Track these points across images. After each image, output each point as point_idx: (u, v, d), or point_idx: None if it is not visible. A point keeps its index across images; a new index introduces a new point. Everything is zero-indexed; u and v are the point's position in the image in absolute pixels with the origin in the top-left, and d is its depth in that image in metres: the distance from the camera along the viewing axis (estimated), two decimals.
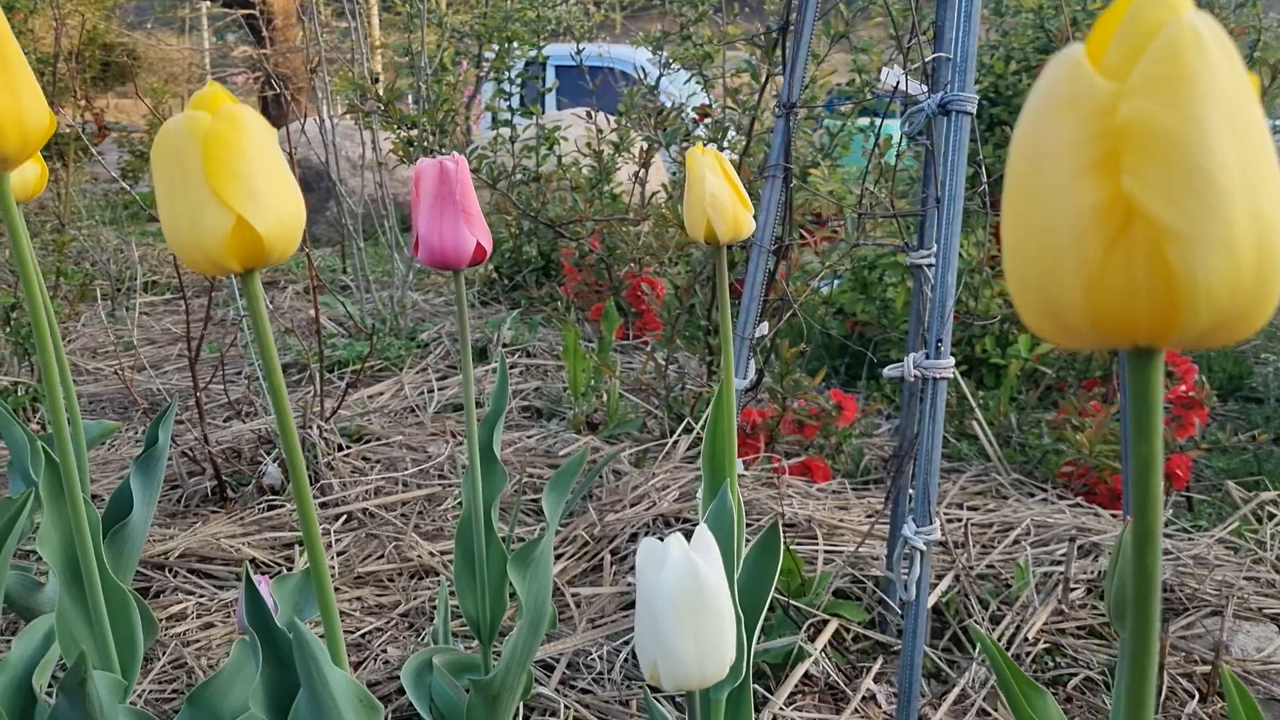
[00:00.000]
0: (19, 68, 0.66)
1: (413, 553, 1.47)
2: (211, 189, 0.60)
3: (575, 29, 3.36)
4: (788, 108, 1.11)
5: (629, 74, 5.07)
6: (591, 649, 1.25)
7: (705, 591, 0.58)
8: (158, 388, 2.27)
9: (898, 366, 1.01)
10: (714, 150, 0.83)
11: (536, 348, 2.42)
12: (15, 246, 0.70)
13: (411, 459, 1.81)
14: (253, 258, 0.62)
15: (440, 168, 0.95)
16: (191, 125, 0.60)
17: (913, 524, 0.99)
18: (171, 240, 0.62)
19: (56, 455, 0.73)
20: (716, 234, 0.83)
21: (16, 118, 0.66)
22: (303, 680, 0.67)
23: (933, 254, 1.23)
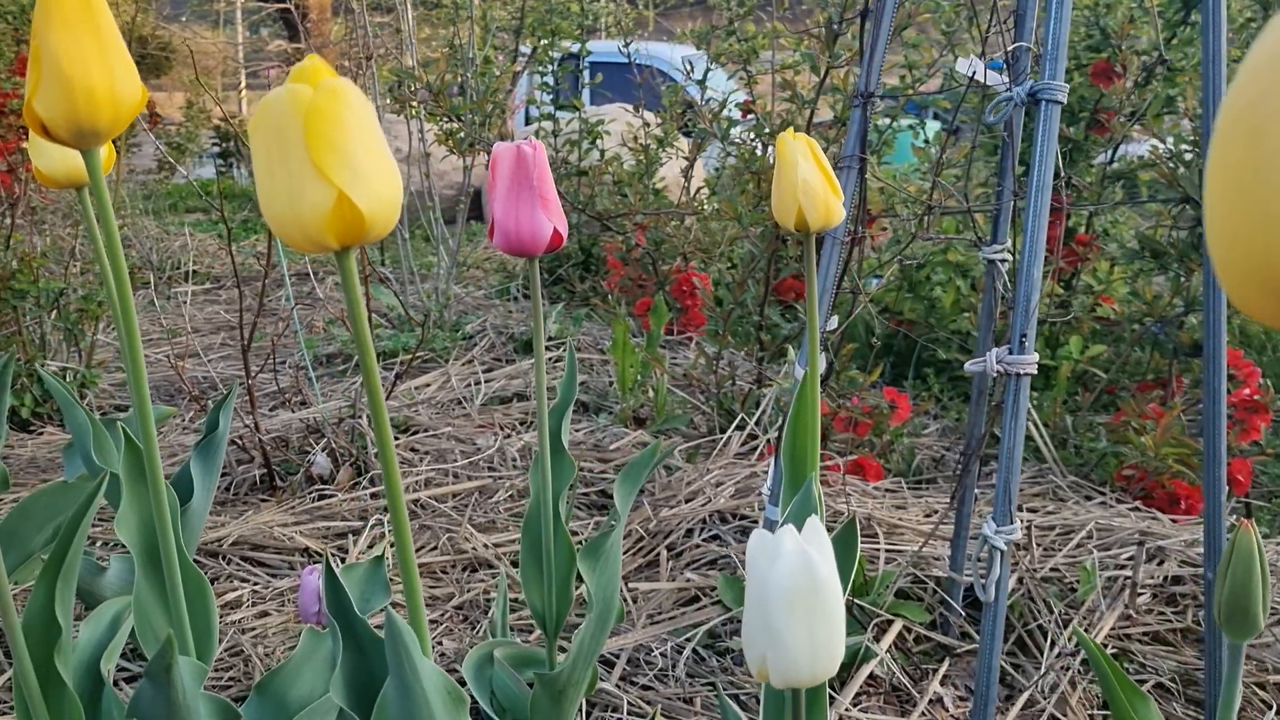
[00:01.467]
0: (112, 40, 0.65)
1: (467, 545, 1.45)
2: (313, 163, 0.58)
3: (624, 23, 3.34)
4: (865, 97, 1.09)
5: (665, 72, 5.04)
6: (652, 645, 1.23)
7: (820, 585, 0.56)
8: (203, 375, 2.26)
9: (979, 361, 0.99)
10: (805, 136, 0.81)
11: (581, 342, 2.41)
12: (105, 224, 0.69)
13: (460, 450, 1.80)
14: (352, 235, 0.60)
15: (518, 152, 0.94)
16: (293, 98, 0.59)
17: (992, 523, 0.96)
18: (270, 217, 0.60)
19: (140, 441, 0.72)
20: (808, 221, 0.81)
21: (109, 90, 0.64)
22: (392, 670, 0.65)
23: (1007, 248, 1.20)
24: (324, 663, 0.94)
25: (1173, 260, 1.90)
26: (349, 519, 1.54)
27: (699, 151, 2.68)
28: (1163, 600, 1.40)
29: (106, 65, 0.64)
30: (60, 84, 0.63)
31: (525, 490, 1.65)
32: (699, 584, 1.35)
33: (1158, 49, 2.49)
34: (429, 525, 1.51)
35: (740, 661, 1.21)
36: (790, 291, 2.49)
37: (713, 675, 1.19)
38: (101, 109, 0.64)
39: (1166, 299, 1.93)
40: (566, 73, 3.15)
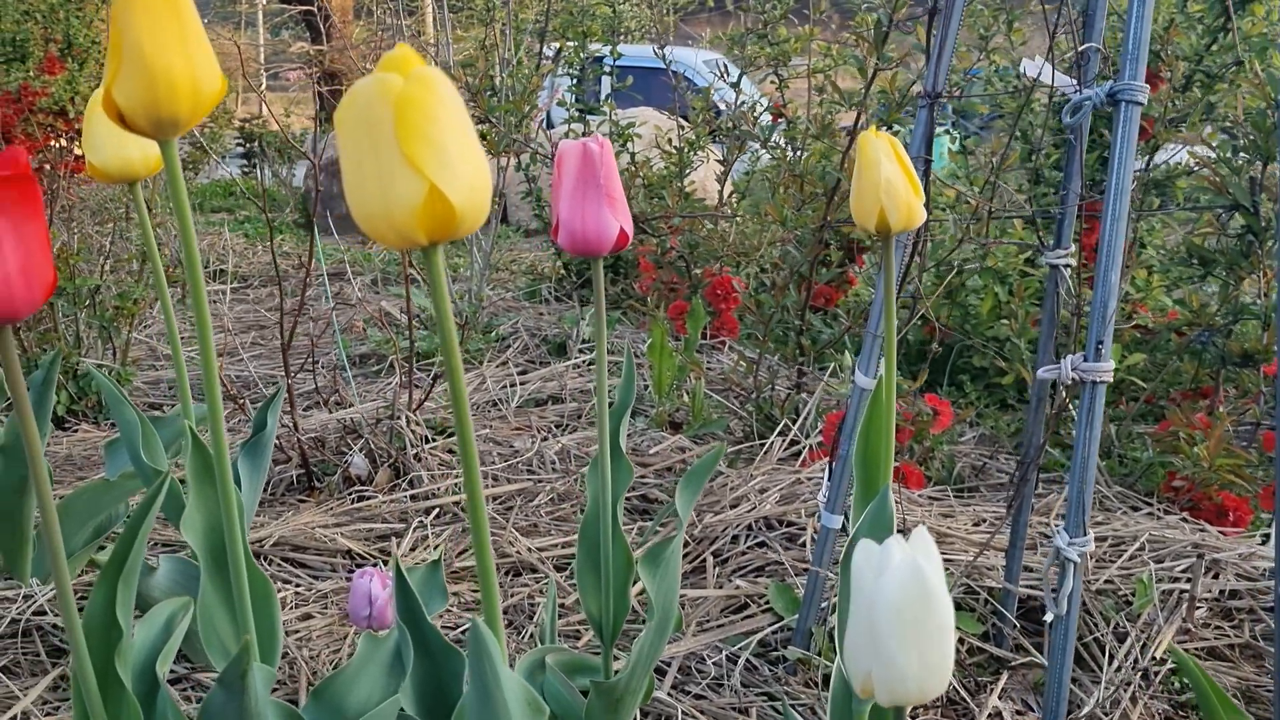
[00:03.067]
0: (193, 27, 0.63)
1: (510, 549, 1.43)
2: (403, 155, 0.57)
3: (647, 27, 3.32)
4: (932, 97, 1.06)
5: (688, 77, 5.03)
6: (704, 653, 1.21)
7: (931, 598, 0.53)
8: (235, 374, 2.25)
9: (1053, 368, 0.96)
10: (888, 134, 0.78)
11: (615, 345, 2.39)
12: (180, 216, 0.67)
13: (498, 453, 1.78)
14: (442, 230, 0.58)
15: (584, 149, 0.92)
16: (383, 88, 0.57)
17: (1064, 534, 0.94)
18: (357, 210, 0.59)
19: (211, 446, 0.71)
20: (889, 222, 0.79)
21: (190, 79, 0.63)
22: (473, 678, 0.63)
23: (1071, 253, 1.18)
24: (382, 668, 0.92)
25: (1221, 268, 1.87)
26: (389, 521, 1.53)
27: (739, 154, 2.66)
28: (1219, 614, 1.37)
29: (187, 53, 0.63)
30: (141, 72, 0.61)
31: (565, 494, 1.63)
32: (748, 591, 1.33)
33: (1199, 55, 2.47)
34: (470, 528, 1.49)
35: (793, 671, 1.18)
36: (820, 297, 2.47)
37: (766, 685, 1.17)
38: (182, 98, 0.63)
39: (1215, 307, 1.90)
40: (597, 75, 3.14)
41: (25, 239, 0.66)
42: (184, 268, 0.68)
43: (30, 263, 0.66)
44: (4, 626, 1.26)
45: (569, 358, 2.28)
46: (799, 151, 2.44)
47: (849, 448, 1.14)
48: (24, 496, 1.31)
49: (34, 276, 0.67)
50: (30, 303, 0.67)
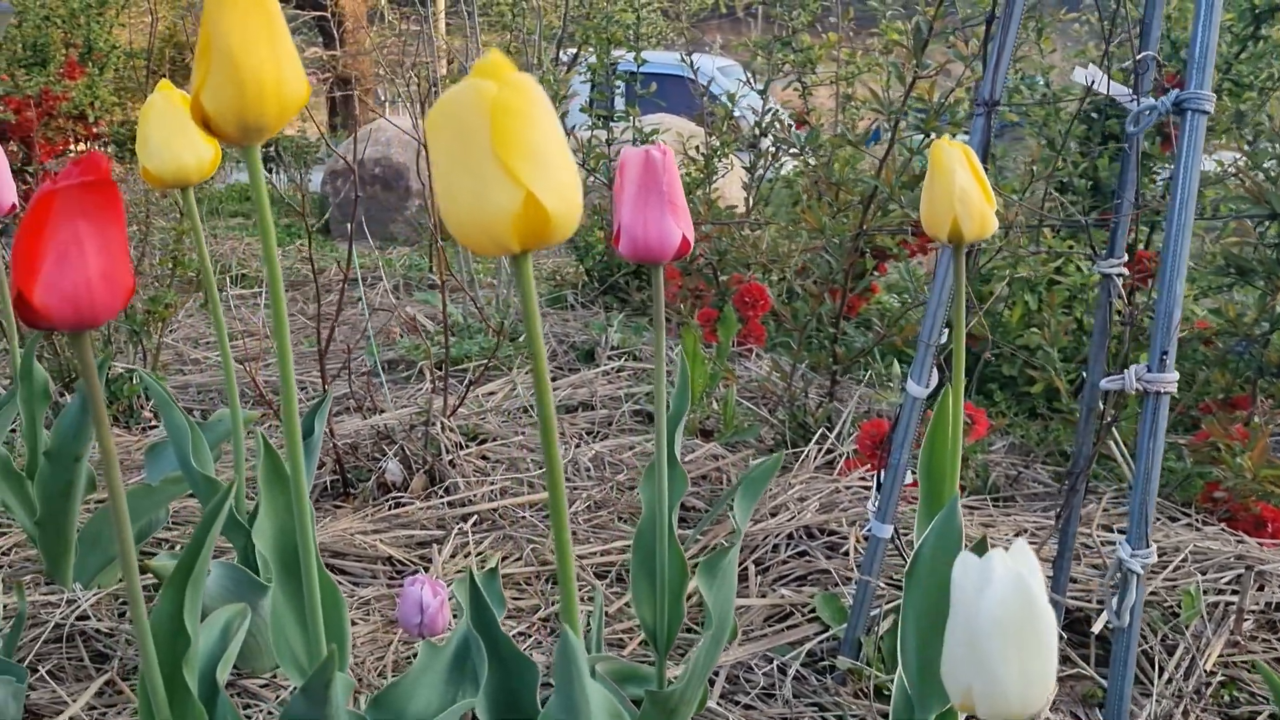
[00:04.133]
0: (281, 32, 0.63)
1: (552, 556, 1.43)
2: (500, 163, 0.56)
3: (672, 33, 3.33)
4: (989, 105, 1.06)
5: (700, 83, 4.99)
6: (751, 662, 1.20)
7: (1035, 612, 0.53)
8: (263, 379, 2.25)
9: (1117, 379, 0.96)
10: (961, 143, 0.78)
11: (643, 352, 2.38)
12: (262, 223, 0.67)
13: (532, 460, 1.78)
14: (536, 237, 0.58)
15: (646, 157, 0.92)
16: (478, 94, 0.57)
17: (1127, 546, 0.93)
18: (450, 217, 0.58)
19: (286, 457, 0.70)
20: (962, 232, 0.79)
21: (278, 86, 0.63)
22: (559, 688, 0.63)
23: (1123, 263, 1.17)
24: (441, 676, 0.91)
25: (1259, 277, 1.87)
26: (428, 527, 1.52)
27: (773, 161, 2.66)
28: (1264, 626, 1.36)
29: (276, 58, 0.62)
30: (230, 76, 0.61)
31: (602, 501, 1.63)
32: (793, 600, 1.32)
33: (1228, 63, 2.46)
34: (512, 535, 1.49)
35: (843, 681, 1.18)
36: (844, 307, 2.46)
37: (816, 695, 1.16)
38: (269, 103, 0.63)
39: (1251, 316, 1.89)
40: (623, 81, 3.14)
41: (108, 244, 0.66)
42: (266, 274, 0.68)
43: (112, 267, 0.66)
44: (48, 631, 1.26)
45: (598, 364, 2.27)
46: (826, 160, 2.43)
47: (900, 457, 1.13)
48: (68, 501, 1.31)
49: (115, 281, 0.67)
50: (111, 308, 0.67)
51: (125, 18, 5.53)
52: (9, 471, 1.31)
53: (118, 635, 1.27)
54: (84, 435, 1.28)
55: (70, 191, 0.64)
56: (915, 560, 0.85)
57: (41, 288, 0.64)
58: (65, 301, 0.65)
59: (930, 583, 0.84)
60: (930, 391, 1.13)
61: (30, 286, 0.64)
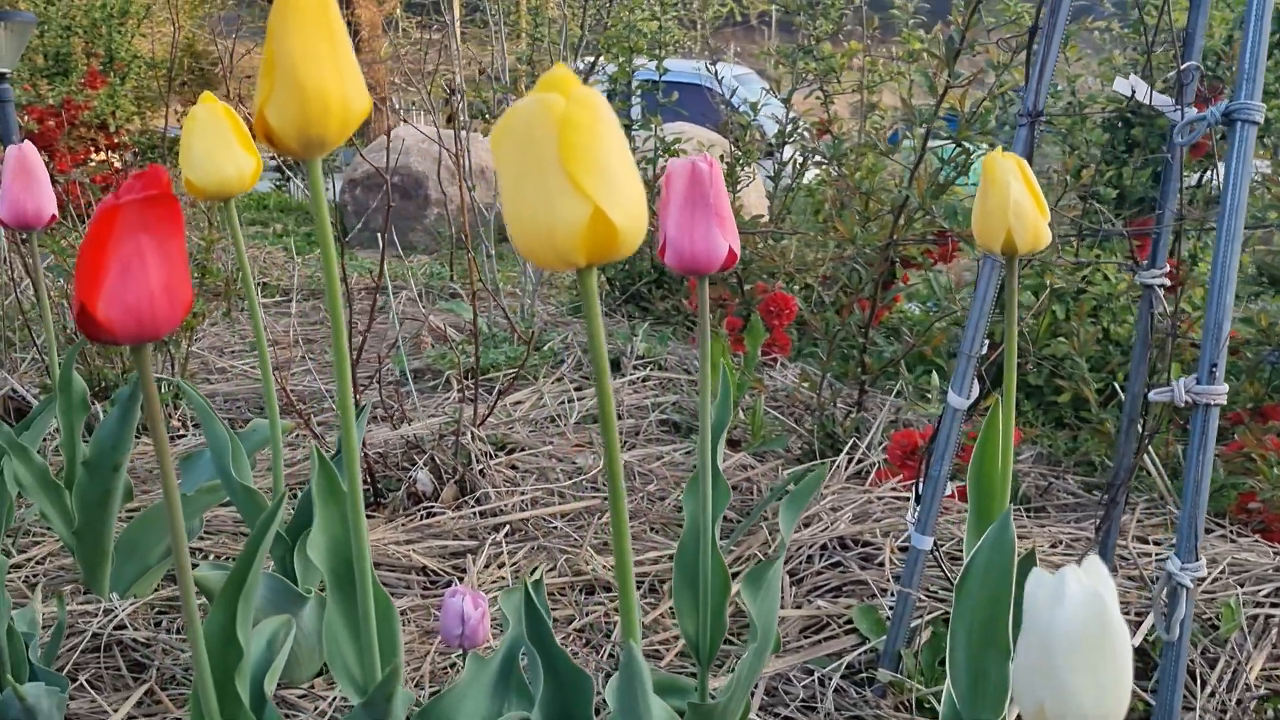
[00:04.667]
0: (344, 46, 0.63)
1: (586, 567, 1.43)
2: (568, 177, 0.56)
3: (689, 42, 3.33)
4: (1033, 116, 1.06)
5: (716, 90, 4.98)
6: (790, 674, 1.20)
7: (1112, 629, 0.52)
8: (288, 388, 2.26)
9: (1165, 391, 0.95)
10: (1015, 155, 0.78)
11: (668, 361, 2.38)
12: (321, 237, 0.67)
13: (562, 470, 1.78)
14: (603, 251, 0.58)
15: (693, 168, 0.91)
16: (545, 109, 0.57)
17: (1176, 560, 0.93)
18: (516, 230, 0.58)
19: (342, 473, 0.70)
20: (1016, 244, 0.78)
21: (341, 98, 0.63)
22: (622, 705, 0.62)
23: (1165, 273, 1.17)
24: (487, 689, 0.91)
25: None
26: (460, 538, 1.52)
27: (805, 170, 2.66)
28: None
29: (339, 72, 0.63)
30: (294, 91, 0.61)
31: (634, 512, 1.63)
32: (829, 611, 1.32)
33: None
34: (545, 546, 1.49)
35: (883, 694, 1.17)
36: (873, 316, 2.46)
37: (856, 708, 1.15)
38: (332, 117, 0.63)
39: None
40: (644, 90, 3.15)
41: (168, 257, 0.66)
42: (326, 288, 0.68)
43: (172, 280, 0.67)
44: (86, 641, 1.26)
45: (623, 374, 2.27)
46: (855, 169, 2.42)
47: (941, 469, 1.13)
48: (106, 511, 1.31)
49: (176, 294, 0.67)
50: (171, 320, 0.67)
51: (145, 28, 5.56)
52: (47, 481, 1.31)
53: (155, 645, 1.27)
54: (122, 445, 1.29)
55: (133, 206, 0.64)
56: (966, 573, 0.84)
57: (105, 301, 0.64)
58: (128, 314, 0.65)
59: (982, 596, 0.84)
60: (972, 403, 1.12)
61: (94, 300, 0.64)
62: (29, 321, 2.04)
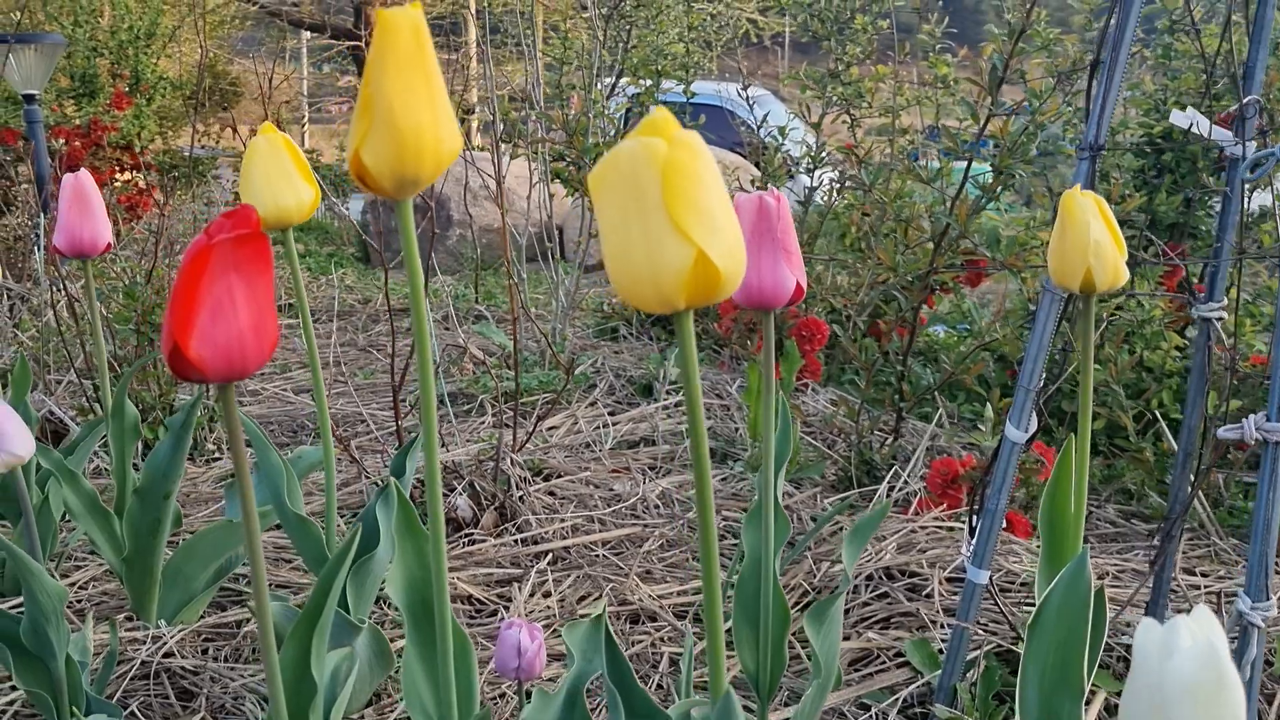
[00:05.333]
0: (439, 87, 0.63)
1: (632, 596, 1.42)
2: (671, 220, 0.56)
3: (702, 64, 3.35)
4: (1094, 149, 1.05)
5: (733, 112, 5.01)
6: (844, 709, 1.19)
7: (1226, 682, 0.52)
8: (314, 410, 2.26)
9: (1235, 428, 0.94)
10: (1093, 194, 0.77)
11: (701, 386, 2.38)
12: (410, 268, 0.67)
13: (599, 497, 1.77)
14: (704, 294, 0.58)
15: (760, 203, 0.92)
16: (649, 152, 0.57)
17: (1246, 599, 0.92)
18: (617, 273, 0.58)
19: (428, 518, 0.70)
20: (1095, 282, 0.78)
21: (435, 139, 0.63)
22: None
23: (1224, 306, 1.16)
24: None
25: None
26: (504, 565, 1.52)
27: (836, 194, 2.66)
28: None
29: (434, 115, 0.63)
30: (391, 132, 0.62)
31: (675, 540, 1.62)
32: (878, 643, 1.31)
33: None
34: (590, 574, 1.48)
35: None
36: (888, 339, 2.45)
37: None
38: (426, 157, 0.63)
39: None
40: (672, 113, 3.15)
41: (257, 296, 0.66)
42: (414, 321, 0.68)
43: (261, 319, 0.67)
44: (134, 668, 1.26)
45: (657, 399, 2.27)
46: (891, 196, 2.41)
47: (999, 503, 1.12)
48: (155, 539, 1.31)
49: (264, 333, 0.67)
50: (260, 359, 0.68)
51: (170, 49, 5.60)
52: (96, 508, 1.31)
53: (203, 673, 1.27)
54: (174, 473, 1.29)
55: (225, 245, 0.65)
56: (1041, 612, 0.83)
57: (196, 340, 0.65)
58: (218, 354, 0.65)
59: (1056, 636, 0.83)
60: (1030, 436, 1.11)
61: (186, 340, 0.64)
62: (66, 345, 2.05)
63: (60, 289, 1.97)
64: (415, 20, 0.62)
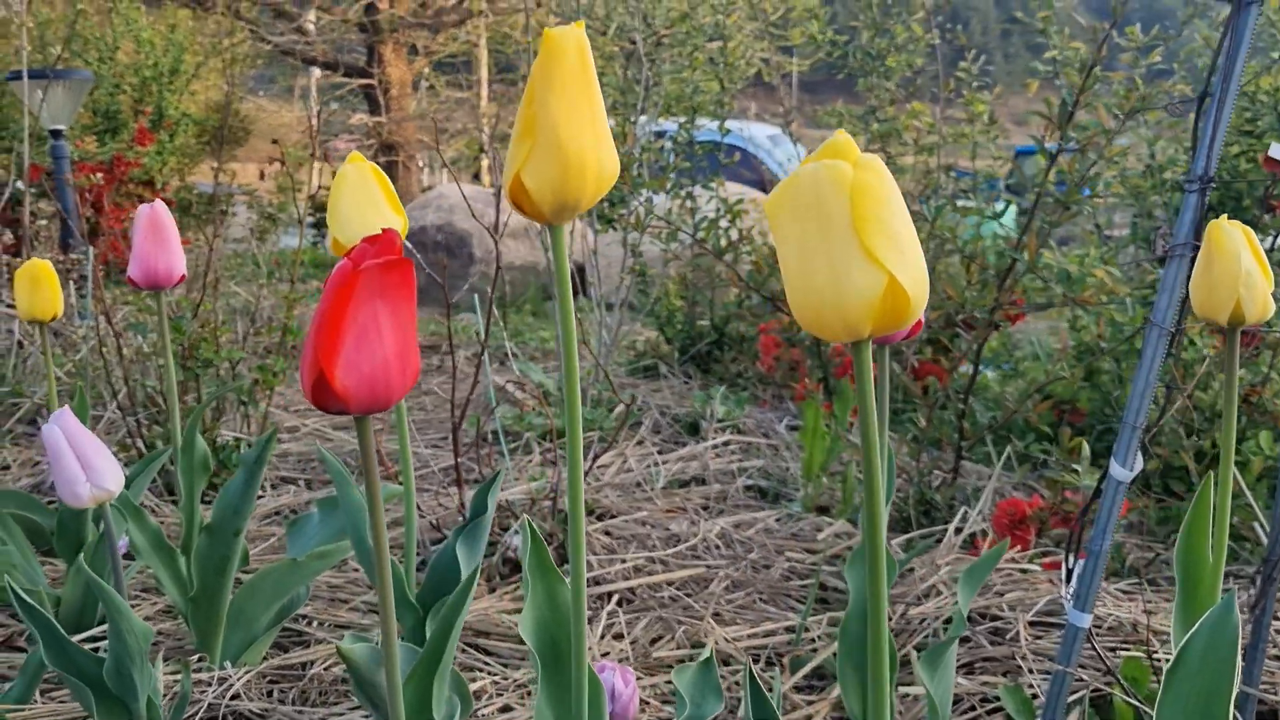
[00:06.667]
0: (600, 111, 0.61)
1: (706, 638, 1.38)
2: (861, 246, 0.54)
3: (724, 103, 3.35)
4: (1204, 181, 1.03)
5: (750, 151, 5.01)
6: None
7: None
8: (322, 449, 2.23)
9: None
10: (1240, 224, 0.75)
11: (745, 425, 2.35)
12: (561, 298, 0.65)
13: (657, 537, 1.74)
14: (891, 321, 0.55)
15: None
16: (835, 175, 0.54)
17: None
18: (799, 301, 0.56)
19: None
20: (1244, 314, 0.76)
21: (598, 167, 0.61)
22: None
23: None
24: None
25: None
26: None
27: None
28: None
29: (597, 139, 0.61)
30: (555, 155, 0.59)
31: (740, 581, 1.59)
32: (966, 689, 1.27)
33: None
34: (662, 616, 1.45)
35: None
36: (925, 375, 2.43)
37: None
38: (589, 181, 0.61)
39: None
40: (706, 152, 3.15)
41: (401, 324, 0.64)
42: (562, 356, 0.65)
43: (404, 348, 0.64)
44: (202, 711, 1.22)
45: (704, 438, 2.24)
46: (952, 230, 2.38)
47: (1103, 544, 1.09)
48: (223, 577, 1.28)
49: (407, 362, 0.65)
50: (402, 388, 0.65)
51: (199, 85, 5.63)
52: (161, 545, 1.28)
53: (271, 715, 1.23)
54: (245, 509, 1.26)
55: (371, 272, 0.62)
56: (1179, 661, 0.80)
57: (341, 369, 0.62)
58: (363, 384, 0.63)
59: (1199, 685, 0.80)
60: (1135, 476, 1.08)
61: (332, 369, 0.62)
62: (110, 380, 2.02)
63: (106, 322, 1.95)
64: (580, 40, 0.60)
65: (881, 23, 2.93)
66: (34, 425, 2.34)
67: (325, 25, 12.13)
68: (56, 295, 1.42)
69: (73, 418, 0.96)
